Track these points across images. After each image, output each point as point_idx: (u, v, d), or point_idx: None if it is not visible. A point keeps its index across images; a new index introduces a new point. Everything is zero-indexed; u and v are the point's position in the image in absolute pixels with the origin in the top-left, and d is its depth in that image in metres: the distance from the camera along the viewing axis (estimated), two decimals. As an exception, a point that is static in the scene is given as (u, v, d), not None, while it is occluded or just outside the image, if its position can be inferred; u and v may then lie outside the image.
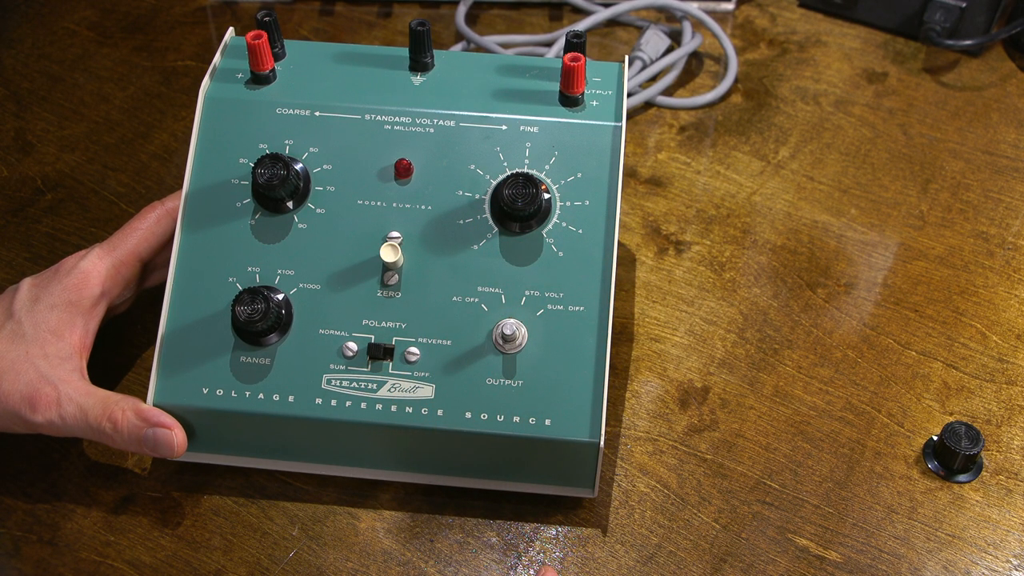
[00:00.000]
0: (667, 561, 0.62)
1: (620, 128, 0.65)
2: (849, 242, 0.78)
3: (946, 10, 0.90)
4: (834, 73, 0.92)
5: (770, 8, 0.98)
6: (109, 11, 0.98)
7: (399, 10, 0.98)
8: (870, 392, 0.70)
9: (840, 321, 0.73)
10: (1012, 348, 0.72)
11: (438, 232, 0.63)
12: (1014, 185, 0.83)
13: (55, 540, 0.62)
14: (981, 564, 0.62)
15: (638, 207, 0.81)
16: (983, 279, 0.76)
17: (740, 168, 0.84)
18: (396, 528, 0.63)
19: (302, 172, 0.64)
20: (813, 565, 0.62)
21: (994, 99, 0.90)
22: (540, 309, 0.62)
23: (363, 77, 0.67)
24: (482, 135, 0.65)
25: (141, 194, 0.81)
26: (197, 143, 0.65)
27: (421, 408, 0.60)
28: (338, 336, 0.62)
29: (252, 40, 0.64)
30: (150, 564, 0.61)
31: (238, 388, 0.61)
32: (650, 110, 0.89)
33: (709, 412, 0.68)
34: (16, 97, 0.89)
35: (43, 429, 0.61)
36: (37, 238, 0.78)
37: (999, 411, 0.69)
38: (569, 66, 0.64)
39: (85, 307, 0.63)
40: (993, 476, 0.65)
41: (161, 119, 0.87)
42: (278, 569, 0.61)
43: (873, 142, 0.86)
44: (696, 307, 0.74)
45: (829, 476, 0.65)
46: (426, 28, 0.66)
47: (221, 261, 0.63)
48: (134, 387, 0.69)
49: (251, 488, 0.65)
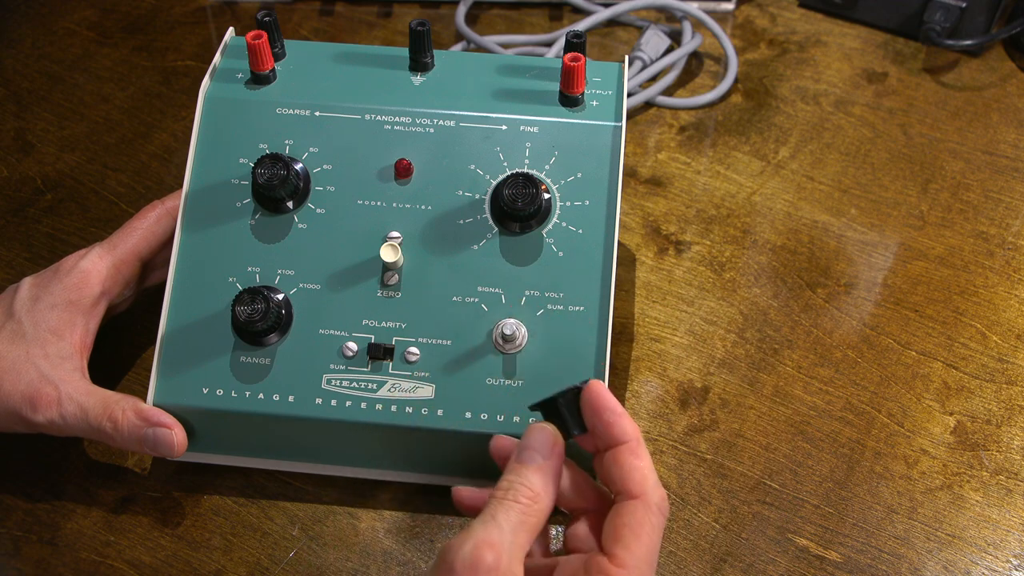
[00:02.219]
0: (667, 561, 0.62)
1: (620, 128, 0.65)
2: (849, 242, 0.78)
3: (946, 10, 0.90)
4: (834, 73, 0.92)
5: (770, 8, 0.98)
6: (109, 11, 0.98)
7: (399, 10, 0.98)
8: (870, 392, 0.70)
9: (840, 321, 0.73)
10: (1012, 348, 0.72)
11: (438, 232, 0.63)
12: (1014, 185, 0.83)
13: (55, 540, 0.62)
14: (981, 564, 0.62)
15: (638, 207, 0.81)
16: (983, 279, 0.76)
17: (740, 168, 0.84)
18: (396, 528, 0.63)
19: (302, 172, 0.64)
20: (813, 565, 0.62)
21: (994, 99, 0.90)
22: (540, 309, 0.62)
23: (363, 77, 0.67)
24: (482, 135, 0.65)
25: (141, 194, 0.81)
26: (197, 143, 0.65)
27: (421, 408, 0.60)
28: (338, 336, 0.62)
29: (252, 40, 0.64)
30: (150, 564, 0.61)
31: (238, 388, 0.61)
32: (650, 110, 0.89)
33: (709, 412, 0.68)
34: (16, 97, 0.89)
35: (44, 429, 0.61)
36: (37, 238, 0.78)
37: (999, 411, 0.69)
38: (569, 66, 0.64)
39: (85, 306, 0.63)
40: (993, 476, 0.66)
41: (161, 119, 0.87)
42: (278, 569, 0.61)
43: (873, 142, 0.86)
44: (696, 307, 0.74)
45: (829, 476, 0.65)
46: (426, 28, 0.66)
47: (221, 261, 0.63)
48: (134, 387, 0.69)
49: (251, 488, 0.65)
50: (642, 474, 0.50)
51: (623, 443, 0.51)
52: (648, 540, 0.49)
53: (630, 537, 0.49)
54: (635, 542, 0.48)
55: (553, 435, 0.51)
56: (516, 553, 0.47)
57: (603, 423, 0.51)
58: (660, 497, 0.50)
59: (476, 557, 0.46)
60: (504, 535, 0.47)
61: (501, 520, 0.48)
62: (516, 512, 0.48)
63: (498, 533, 0.47)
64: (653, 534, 0.49)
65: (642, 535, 0.49)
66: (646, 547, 0.49)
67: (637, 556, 0.48)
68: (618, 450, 0.51)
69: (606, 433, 0.51)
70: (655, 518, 0.49)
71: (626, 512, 0.49)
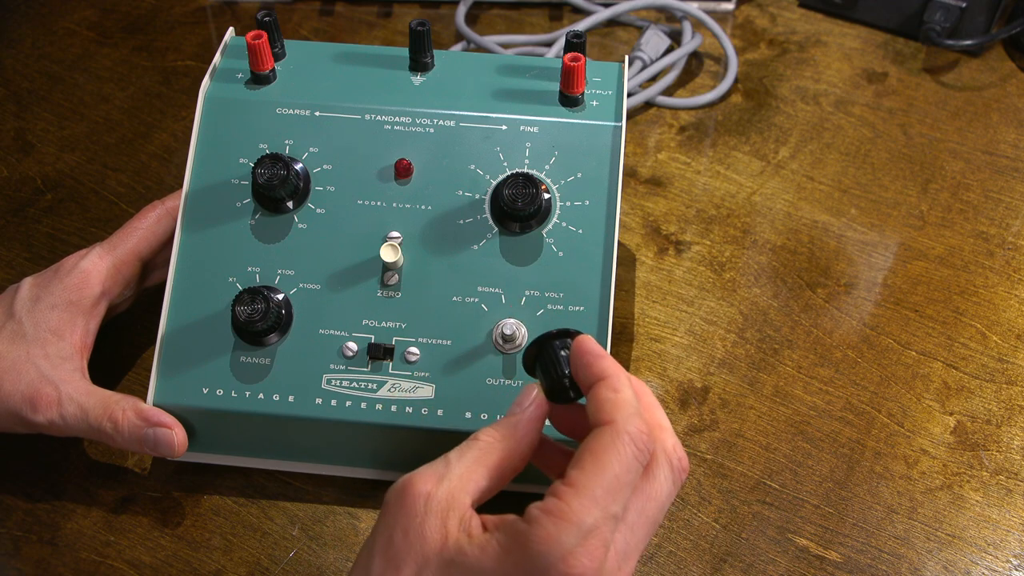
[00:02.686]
0: (667, 561, 0.62)
1: (620, 128, 0.65)
2: (849, 242, 0.78)
3: (946, 10, 0.90)
4: (834, 73, 0.92)
5: (770, 8, 0.98)
6: (109, 11, 0.98)
7: (399, 10, 0.98)
8: (870, 392, 0.70)
9: (840, 321, 0.73)
10: (1012, 348, 0.72)
11: (438, 232, 0.63)
12: (1014, 185, 0.83)
13: (55, 540, 0.62)
14: (981, 564, 0.62)
15: (638, 207, 0.81)
16: (983, 279, 0.76)
17: (740, 168, 0.84)
18: (396, 528, 0.63)
19: (302, 172, 0.64)
20: (813, 565, 0.62)
21: (994, 99, 0.90)
22: (540, 309, 0.62)
23: (363, 77, 0.67)
24: (482, 135, 0.65)
25: (141, 194, 0.81)
26: (197, 143, 0.65)
27: (421, 408, 0.60)
28: (338, 336, 0.62)
29: (252, 40, 0.64)
30: (150, 564, 0.61)
31: (238, 388, 0.61)
32: (650, 110, 0.89)
33: (709, 412, 0.68)
34: (16, 97, 0.89)
35: (44, 429, 0.61)
36: (37, 238, 0.78)
37: (999, 411, 0.69)
38: (569, 66, 0.64)
39: (86, 307, 0.63)
40: (993, 476, 0.66)
41: (161, 119, 0.87)
42: (278, 569, 0.61)
43: (873, 142, 0.86)
44: (696, 307, 0.74)
45: (829, 476, 0.65)
46: (426, 28, 0.66)
47: (221, 261, 0.63)
48: (134, 387, 0.69)
49: (251, 488, 0.65)
50: (614, 404, 0.46)
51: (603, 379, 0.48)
52: (612, 467, 0.44)
53: (588, 459, 0.45)
54: (593, 464, 0.44)
55: (532, 388, 0.50)
56: (463, 485, 0.46)
57: (584, 364, 0.48)
58: (636, 428, 0.45)
59: (405, 485, 0.46)
60: (451, 468, 0.47)
61: (452, 457, 0.48)
62: (472, 450, 0.48)
63: (443, 466, 0.47)
64: (619, 462, 0.44)
65: (603, 459, 0.44)
66: (608, 473, 0.44)
67: (592, 479, 0.44)
68: (596, 386, 0.47)
69: (587, 374, 0.48)
70: (625, 448, 0.45)
71: (591, 438, 0.46)
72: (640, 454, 0.45)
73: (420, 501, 0.45)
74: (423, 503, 0.45)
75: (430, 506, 0.45)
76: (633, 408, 0.46)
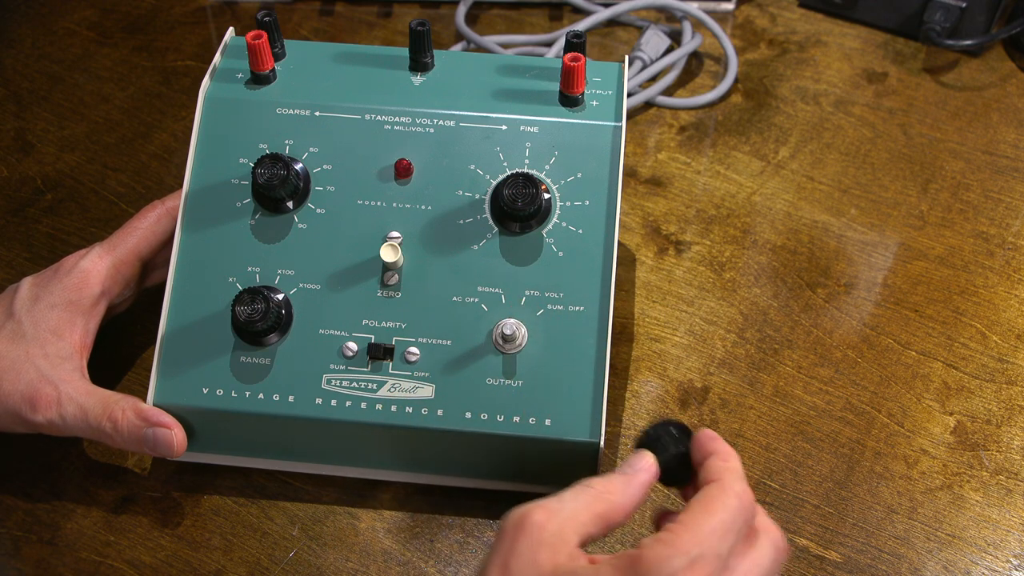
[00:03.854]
0: (667, 561, 0.62)
1: (620, 128, 0.65)
2: (849, 242, 0.78)
3: (946, 10, 0.90)
4: (834, 73, 0.92)
5: (770, 8, 0.98)
6: (109, 11, 0.98)
7: (399, 10, 0.98)
8: (870, 392, 0.70)
9: (840, 321, 0.73)
10: (1012, 348, 0.72)
11: (438, 232, 0.63)
12: (1014, 185, 0.83)
13: (55, 540, 0.62)
14: (981, 564, 0.62)
15: (638, 207, 0.81)
16: (983, 279, 0.76)
17: (740, 168, 0.84)
18: (396, 528, 0.63)
19: (302, 172, 0.64)
20: (813, 565, 0.62)
21: (994, 99, 0.90)
22: (540, 309, 0.62)
23: (363, 77, 0.67)
24: (482, 135, 0.65)
25: (141, 194, 0.81)
26: (197, 143, 0.65)
27: (421, 408, 0.60)
28: (338, 336, 0.62)
29: (252, 40, 0.64)
30: (150, 564, 0.61)
31: (238, 388, 0.61)
32: (650, 110, 0.89)
33: (709, 412, 0.68)
34: (16, 97, 0.89)
35: (43, 429, 0.61)
36: (37, 238, 0.78)
37: (999, 411, 0.69)
38: (569, 66, 0.64)
39: (85, 306, 0.63)
40: (993, 476, 0.66)
41: (161, 119, 0.87)
42: (278, 569, 0.61)
43: (873, 142, 0.86)
44: (696, 307, 0.74)
45: (829, 476, 0.65)
46: (426, 28, 0.66)
47: (221, 261, 0.63)
48: (134, 387, 0.69)
49: (251, 488, 0.65)
50: (723, 468, 0.49)
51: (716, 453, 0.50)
52: (719, 514, 0.47)
53: (697, 507, 0.47)
54: (701, 510, 0.47)
55: (647, 455, 0.51)
56: (573, 525, 0.47)
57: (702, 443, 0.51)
58: (742, 488, 0.48)
59: (523, 515, 0.47)
60: (564, 505, 0.48)
61: (566, 496, 0.48)
62: (585, 494, 0.49)
63: (557, 503, 0.48)
64: (725, 510, 0.47)
65: (710, 507, 0.47)
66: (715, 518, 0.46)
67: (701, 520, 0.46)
68: (709, 457, 0.50)
69: (704, 450, 0.51)
70: (731, 500, 0.47)
71: (700, 493, 0.48)
72: (744, 511, 0.48)
73: (535, 530, 0.47)
74: (537, 531, 0.47)
75: (543, 536, 0.47)
76: (740, 474, 0.50)
